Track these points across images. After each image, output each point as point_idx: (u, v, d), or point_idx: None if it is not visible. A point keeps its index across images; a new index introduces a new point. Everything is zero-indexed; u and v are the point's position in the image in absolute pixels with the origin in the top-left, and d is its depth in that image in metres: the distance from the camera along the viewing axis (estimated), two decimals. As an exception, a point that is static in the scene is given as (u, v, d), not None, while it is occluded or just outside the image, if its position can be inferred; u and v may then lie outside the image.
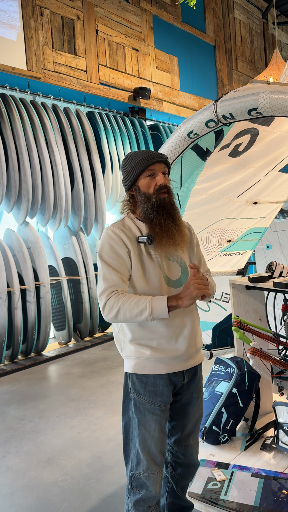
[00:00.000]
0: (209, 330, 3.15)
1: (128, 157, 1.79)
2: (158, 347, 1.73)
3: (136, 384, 1.76)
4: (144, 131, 6.47)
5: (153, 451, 1.76)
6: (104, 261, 1.71)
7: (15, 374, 4.64)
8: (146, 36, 6.92)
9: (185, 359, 1.79)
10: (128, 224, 1.78)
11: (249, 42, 9.65)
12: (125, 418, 1.81)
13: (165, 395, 1.75)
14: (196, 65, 8.06)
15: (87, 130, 5.65)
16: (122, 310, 1.64)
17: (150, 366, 1.74)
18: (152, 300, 1.64)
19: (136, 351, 1.74)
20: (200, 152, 2.38)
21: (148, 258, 1.73)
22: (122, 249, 1.71)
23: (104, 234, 1.76)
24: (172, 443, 1.94)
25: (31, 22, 5.26)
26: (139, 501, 1.77)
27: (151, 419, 1.74)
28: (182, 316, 1.77)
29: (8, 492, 2.58)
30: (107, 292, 1.67)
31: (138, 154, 1.77)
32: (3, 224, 5.49)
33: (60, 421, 3.45)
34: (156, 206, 1.72)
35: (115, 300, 1.65)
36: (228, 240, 2.96)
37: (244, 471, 2.31)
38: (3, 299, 4.60)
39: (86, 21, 5.96)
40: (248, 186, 2.71)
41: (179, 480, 1.98)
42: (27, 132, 4.92)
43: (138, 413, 1.75)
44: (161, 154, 1.77)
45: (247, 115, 1.94)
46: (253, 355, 2.29)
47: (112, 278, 1.68)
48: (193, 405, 1.89)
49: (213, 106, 2.04)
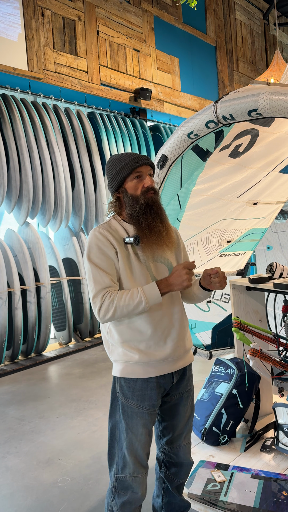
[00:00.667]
0: (209, 331, 3.15)
1: (113, 159, 1.80)
2: (147, 349, 1.73)
3: (124, 388, 1.76)
4: (145, 132, 6.47)
5: (140, 454, 1.77)
6: (93, 263, 1.71)
7: (15, 374, 4.64)
8: (147, 37, 6.92)
9: (173, 360, 1.79)
10: (114, 226, 1.79)
11: (250, 43, 9.65)
12: (112, 421, 1.81)
13: (153, 399, 1.76)
14: (197, 66, 8.07)
15: (88, 131, 5.65)
16: (118, 309, 1.66)
17: (138, 370, 1.73)
18: (144, 290, 1.67)
19: (125, 355, 1.74)
20: (200, 153, 2.38)
21: (135, 259, 1.74)
22: (110, 250, 1.72)
23: (91, 236, 1.76)
24: (164, 444, 1.94)
25: (32, 23, 5.27)
26: (125, 503, 1.77)
27: (139, 423, 1.75)
28: (170, 317, 1.77)
29: (8, 492, 2.58)
30: (100, 294, 1.68)
31: (124, 156, 1.78)
32: (4, 225, 5.49)
33: (60, 422, 3.45)
34: (144, 207, 1.73)
35: (109, 301, 1.66)
36: (228, 241, 2.95)
37: (244, 472, 2.30)
38: (4, 299, 4.60)
39: (87, 22, 5.96)
40: (248, 186, 2.71)
41: (174, 480, 1.98)
42: (28, 132, 4.93)
43: (126, 417, 1.75)
44: (147, 157, 1.79)
45: (247, 116, 1.94)
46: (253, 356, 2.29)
47: (103, 280, 1.69)
48: (183, 405, 1.89)
49: (213, 107, 2.04)
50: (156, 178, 2.43)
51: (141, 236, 1.72)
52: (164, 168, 2.37)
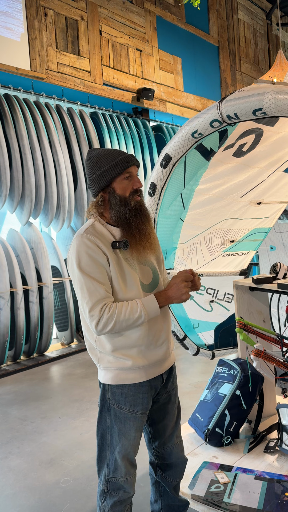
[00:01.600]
0: (212, 330, 3.14)
1: (99, 156, 1.71)
2: (139, 354, 1.71)
3: (116, 395, 1.74)
4: (148, 132, 6.46)
5: (131, 457, 1.78)
6: (85, 273, 1.62)
7: (17, 374, 4.63)
8: (149, 37, 6.91)
9: (162, 362, 1.79)
10: (99, 230, 1.70)
11: (253, 43, 9.64)
12: (102, 426, 1.78)
13: (145, 402, 1.75)
14: (200, 66, 8.05)
15: (91, 131, 5.65)
16: (118, 323, 1.61)
17: (131, 376, 1.72)
18: (144, 304, 1.64)
19: (116, 362, 1.71)
20: (204, 152, 2.37)
21: (125, 263, 1.69)
22: (101, 257, 1.64)
23: (79, 243, 1.65)
24: (157, 446, 1.93)
25: (35, 23, 5.27)
26: (117, 503, 1.77)
27: (132, 428, 1.74)
28: (160, 321, 1.76)
29: (10, 493, 2.57)
30: (98, 307, 1.60)
31: (112, 154, 1.70)
32: (7, 225, 5.49)
33: (62, 422, 3.44)
34: (134, 210, 1.69)
35: (108, 315, 1.60)
36: (231, 240, 2.94)
37: (247, 473, 2.29)
38: (6, 299, 4.59)
39: (90, 21, 5.96)
40: (252, 186, 2.70)
41: (171, 481, 1.98)
42: (30, 132, 4.92)
43: (119, 422, 1.74)
44: (135, 157, 1.77)
45: (252, 115, 1.93)
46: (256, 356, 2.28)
47: (98, 291, 1.61)
48: (171, 403, 1.90)
49: (218, 106, 2.03)
50: (159, 178, 2.42)
51: (130, 239, 1.67)
52: (167, 167, 2.35)
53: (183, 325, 2.97)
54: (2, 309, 4.58)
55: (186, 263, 2.88)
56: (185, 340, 2.94)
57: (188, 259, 2.88)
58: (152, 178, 2.45)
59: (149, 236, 1.72)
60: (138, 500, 2.40)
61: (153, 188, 2.45)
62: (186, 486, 2.19)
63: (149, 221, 1.74)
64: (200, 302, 3.10)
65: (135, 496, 2.43)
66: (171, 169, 2.37)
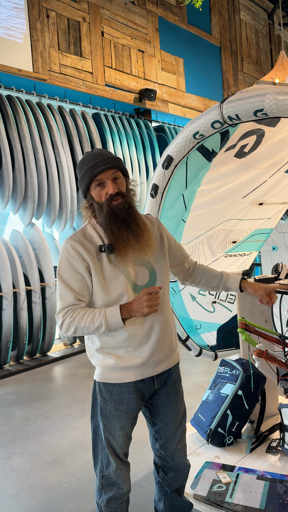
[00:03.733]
0: (214, 331, 3.14)
1: (80, 163, 1.71)
2: (125, 355, 1.71)
3: (103, 391, 1.76)
4: (150, 133, 6.47)
5: (118, 454, 1.79)
6: (61, 278, 1.66)
7: (20, 374, 4.65)
8: (151, 38, 6.93)
9: (154, 365, 1.77)
10: (89, 233, 1.71)
11: (255, 43, 9.63)
12: (94, 421, 1.82)
13: (131, 403, 1.75)
14: (202, 67, 8.06)
15: (93, 132, 5.66)
16: (79, 329, 1.63)
17: (115, 376, 1.73)
18: (106, 314, 1.61)
19: (103, 360, 1.74)
20: (205, 153, 2.38)
21: (110, 267, 1.67)
22: (79, 264, 1.64)
23: (63, 248, 1.68)
24: (159, 448, 1.93)
25: (37, 24, 5.29)
26: (111, 499, 1.79)
27: (116, 426, 1.75)
28: (151, 322, 1.74)
29: (13, 492, 2.58)
30: (62, 312, 1.65)
31: (87, 161, 1.68)
32: (9, 225, 5.51)
33: (65, 422, 3.45)
34: (108, 216, 1.65)
35: (70, 320, 1.63)
36: (233, 241, 2.95)
37: (249, 473, 2.29)
38: (9, 300, 4.61)
39: (92, 23, 5.97)
40: (253, 187, 2.70)
41: (172, 484, 1.97)
42: (33, 133, 4.94)
43: (104, 418, 1.76)
44: (107, 160, 1.64)
45: (253, 116, 1.94)
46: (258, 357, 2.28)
47: (68, 298, 1.65)
48: (171, 408, 1.87)
49: (219, 107, 2.04)
50: (161, 179, 2.42)
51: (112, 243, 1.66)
52: (169, 168, 2.36)
53: (185, 326, 2.98)
54: (5, 309, 4.59)
55: (188, 264, 2.89)
56: (188, 341, 2.95)
57: (190, 260, 2.88)
58: (154, 179, 2.46)
59: (127, 241, 1.65)
60: (141, 500, 2.41)
61: (155, 189, 2.46)
62: (188, 486, 2.20)
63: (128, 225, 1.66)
64: (203, 303, 3.10)
65: (138, 495, 2.44)
66: (173, 170, 2.38)
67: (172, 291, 2.90)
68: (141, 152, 6.21)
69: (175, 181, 2.46)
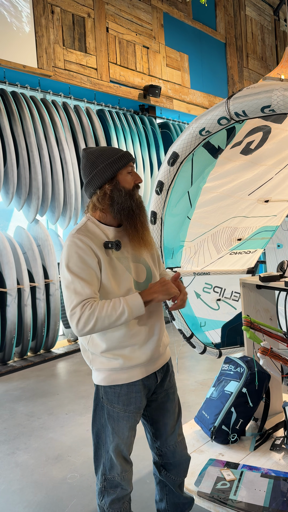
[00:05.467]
0: (219, 329, 3.13)
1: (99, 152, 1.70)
2: (131, 354, 1.70)
3: (109, 394, 1.74)
4: (154, 129, 6.45)
5: (125, 454, 1.78)
6: (73, 273, 1.60)
7: (24, 371, 4.66)
8: (156, 34, 6.89)
9: (155, 360, 1.78)
10: (92, 230, 1.69)
11: (260, 39, 9.57)
12: (97, 425, 1.79)
13: (138, 401, 1.75)
14: (207, 63, 8.01)
15: (97, 128, 5.65)
16: (99, 320, 1.57)
17: (123, 377, 1.72)
18: (128, 301, 1.60)
19: (108, 363, 1.71)
20: (211, 150, 2.36)
21: (118, 263, 1.68)
22: (92, 258, 1.62)
23: (70, 243, 1.64)
24: (160, 446, 1.93)
25: (42, 20, 5.27)
26: (115, 500, 1.78)
27: (125, 427, 1.75)
28: (152, 317, 1.75)
29: (18, 488, 2.60)
30: (80, 305, 1.57)
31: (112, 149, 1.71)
32: (14, 222, 5.51)
33: (69, 418, 3.46)
34: (139, 203, 1.71)
35: (90, 311, 1.56)
36: (238, 239, 2.94)
37: (253, 471, 2.29)
38: (13, 296, 4.62)
39: (97, 18, 5.95)
40: (259, 184, 2.69)
41: (175, 480, 1.98)
42: (37, 130, 4.94)
43: (112, 421, 1.74)
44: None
45: (260, 112, 1.92)
46: (263, 354, 2.27)
47: (84, 291, 1.58)
48: (170, 401, 1.89)
49: (226, 103, 2.03)
50: (166, 175, 2.42)
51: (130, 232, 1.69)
52: (175, 165, 2.35)
53: (190, 323, 2.97)
54: (10, 305, 4.60)
55: (193, 261, 2.88)
56: (192, 338, 2.94)
57: (195, 257, 2.87)
58: (159, 176, 2.45)
59: (149, 231, 1.75)
60: (145, 497, 2.41)
61: (160, 186, 2.45)
62: (192, 483, 2.20)
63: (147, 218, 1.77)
64: (207, 300, 3.10)
65: (141, 492, 2.45)
66: (178, 167, 2.37)
67: (176, 288, 2.89)
68: (145, 148, 6.20)
69: (181, 178, 2.44)
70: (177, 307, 1.74)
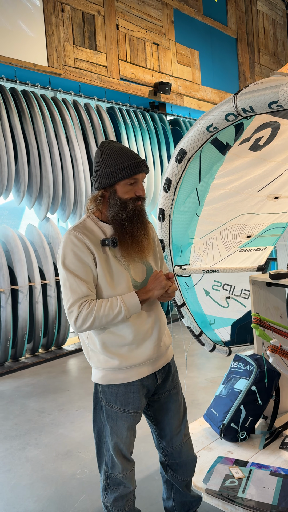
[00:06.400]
0: (228, 327, 3.12)
1: (110, 153, 1.67)
2: (129, 353, 1.70)
3: (106, 394, 1.74)
4: (165, 126, 6.43)
5: (125, 453, 1.78)
6: (69, 270, 1.62)
7: (36, 367, 4.71)
8: (167, 30, 6.86)
9: (154, 360, 1.77)
10: (90, 227, 1.69)
11: (272, 34, 9.46)
12: (97, 424, 1.80)
13: (136, 402, 1.74)
14: (218, 59, 7.96)
15: (107, 126, 5.65)
16: (97, 319, 1.60)
17: (120, 376, 1.71)
18: (124, 300, 1.62)
19: (106, 362, 1.70)
20: (219, 146, 2.35)
21: (114, 261, 1.68)
22: (87, 256, 1.63)
23: (66, 240, 1.65)
24: (166, 446, 1.93)
25: (52, 19, 5.29)
26: (118, 498, 1.79)
27: (123, 427, 1.74)
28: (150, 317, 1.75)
29: (28, 483, 2.63)
30: (77, 304, 1.60)
31: (123, 155, 1.66)
32: (25, 220, 5.56)
33: (79, 415, 3.49)
34: (132, 215, 1.67)
35: (88, 311, 1.59)
36: (248, 236, 2.91)
37: (262, 469, 2.28)
38: (25, 293, 4.66)
39: (107, 16, 5.95)
40: (269, 180, 2.66)
41: (182, 480, 1.97)
42: (48, 128, 4.96)
43: (110, 421, 1.74)
44: (144, 163, 1.69)
45: (268, 108, 1.90)
46: (273, 352, 2.26)
47: (80, 289, 1.61)
48: (173, 402, 1.88)
49: (233, 99, 2.01)
50: (174, 172, 2.41)
51: (121, 241, 1.67)
52: (182, 162, 2.34)
53: (199, 321, 2.97)
54: (21, 302, 4.65)
55: (202, 259, 2.87)
56: (201, 336, 2.94)
57: (204, 255, 2.86)
58: (167, 173, 2.45)
59: (141, 243, 1.70)
60: (153, 493, 2.42)
61: (168, 183, 2.45)
62: (200, 480, 2.20)
63: (144, 228, 1.72)
64: (217, 298, 3.08)
65: (150, 489, 2.45)
66: (186, 164, 2.36)
67: (185, 286, 2.89)
68: (155, 146, 6.19)
69: (189, 175, 2.43)
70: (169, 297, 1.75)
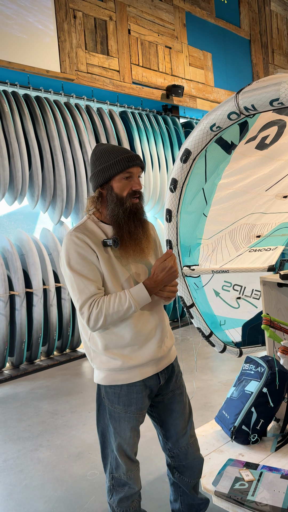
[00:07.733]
0: (239, 328, 3.09)
1: (103, 151, 1.68)
2: (131, 354, 1.68)
3: (109, 394, 1.73)
4: (177, 129, 6.44)
5: (129, 454, 1.77)
6: (75, 271, 1.60)
7: (50, 369, 4.75)
8: (179, 34, 6.88)
9: (157, 361, 1.75)
10: (91, 228, 1.68)
11: (286, 34, 9.38)
12: (101, 424, 1.80)
13: (139, 402, 1.73)
14: (231, 61, 7.93)
15: (120, 130, 5.69)
16: (108, 317, 1.59)
17: (122, 377, 1.70)
18: (132, 294, 1.61)
19: (108, 363, 1.69)
20: (224, 146, 2.34)
21: (117, 261, 1.67)
22: (91, 254, 1.62)
23: (68, 241, 1.64)
24: (172, 447, 1.91)
25: (65, 25, 5.37)
26: (123, 498, 1.77)
27: (126, 427, 1.73)
28: (152, 317, 1.73)
29: (39, 483, 2.65)
30: (87, 305, 1.59)
31: (115, 151, 1.66)
32: (40, 224, 5.63)
33: (91, 417, 3.50)
34: (128, 212, 1.65)
35: (98, 310, 1.58)
36: (257, 236, 2.89)
37: (273, 472, 2.24)
38: (39, 296, 4.72)
39: (119, 21, 6.00)
40: (277, 179, 2.64)
41: (188, 482, 1.95)
42: (61, 133, 5.03)
43: (113, 421, 1.74)
44: (139, 157, 1.69)
45: (269, 106, 1.88)
46: (284, 354, 2.22)
47: (88, 288, 1.60)
48: (177, 402, 1.86)
49: (235, 98, 2.00)
50: (180, 173, 2.41)
51: (121, 240, 1.65)
52: (187, 162, 2.34)
53: (209, 322, 2.95)
54: (36, 305, 4.70)
55: (211, 259, 2.85)
56: (211, 337, 2.92)
57: (213, 255, 2.85)
58: (172, 173, 2.45)
59: (140, 241, 1.68)
60: (162, 495, 2.41)
61: (174, 184, 2.44)
62: (209, 482, 2.18)
63: (142, 225, 1.70)
64: (227, 299, 3.06)
65: (160, 490, 2.44)
66: (192, 164, 2.35)
67: (195, 286, 2.88)
68: (168, 149, 6.19)
69: (195, 175, 2.43)
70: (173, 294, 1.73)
